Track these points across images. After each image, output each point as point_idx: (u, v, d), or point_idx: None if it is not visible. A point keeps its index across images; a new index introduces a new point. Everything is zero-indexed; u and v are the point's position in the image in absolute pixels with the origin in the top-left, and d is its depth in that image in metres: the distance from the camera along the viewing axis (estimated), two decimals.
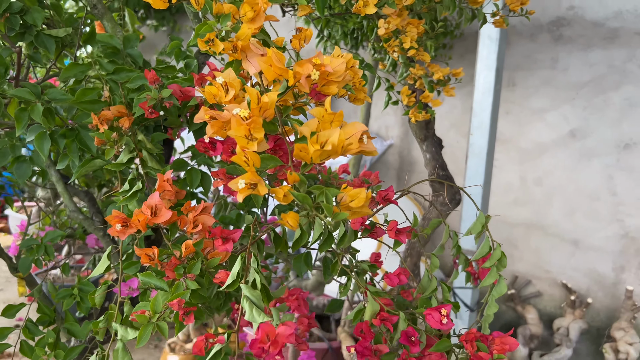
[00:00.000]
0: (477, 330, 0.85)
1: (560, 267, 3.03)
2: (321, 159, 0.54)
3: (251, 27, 0.61)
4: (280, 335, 0.54)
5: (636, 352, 2.58)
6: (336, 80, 0.59)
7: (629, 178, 2.79)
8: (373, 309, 0.74)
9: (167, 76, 0.90)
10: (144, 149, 0.80)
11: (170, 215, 0.66)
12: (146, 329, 0.60)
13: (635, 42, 2.72)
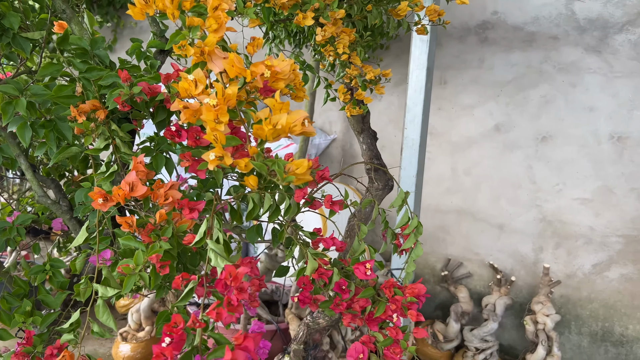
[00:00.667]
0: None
1: (487, 250, 3.33)
2: (273, 137, 0.70)
3: (215, 36, 0.76)
4: (239, 273, 0.70)
5: (552, 322, 2.90)
6: (283, 78, 0.75)
7: (546, 167, 3.11)
8: (313, 266, 0.91)
9: (133, 74, 1.03)
10: (117, 137, 0.93)
11: (145, 190, 0.79)
12: (130, 279, 0.74)
13: (550, 45, 3.03)
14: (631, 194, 2.89)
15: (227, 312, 0.67)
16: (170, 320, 0.69)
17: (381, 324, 0.97)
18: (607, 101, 2.91)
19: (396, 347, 0.94)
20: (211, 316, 0.67)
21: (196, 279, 0.71)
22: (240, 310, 0.73)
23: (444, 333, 3.20)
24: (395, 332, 0.93)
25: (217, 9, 0.73)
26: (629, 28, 2.82)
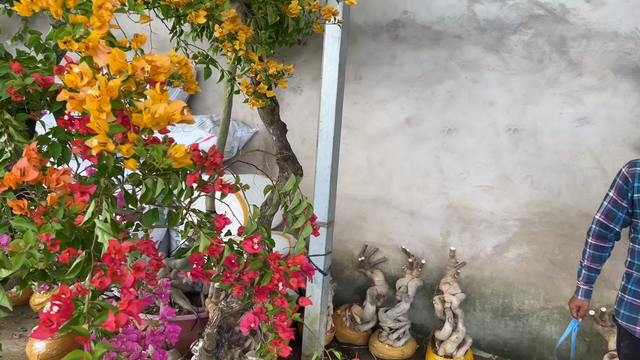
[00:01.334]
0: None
1: (401, 235, 3.54)
2: (152, 125, 0.78)
3: (99, 32, 0.82)
4: (123, 247, 0.77)
5: (458, 301, 3.14)
6: (163, 72, 0.83)
7: (451, 158, 3.35)
8: (205, 244, 1.00)
9: (29, 66, 1.06)
10: (11, 126, 0.97)
11: (37, 175, 0.84)
12: (20, 257, 0.79)
13: (454, 44, 3.27)
14: (525, 181, 3.19)
15: (112, 281, 0.75)
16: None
17: (271, 295, 1.08)
18: (505, 96, 3.18)
19: (283, 315, 1.05)
20: (94, 284, 0.74)
21: (83, 254, 0.78)
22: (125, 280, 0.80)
23: (361, 315, 3.38)
24: (281, 301, 1.04)
25: (101, 8, 0.79)
26: (522, 29, 3.09)
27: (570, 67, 3.01)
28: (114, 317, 0.70)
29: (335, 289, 3.53)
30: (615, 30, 2.89)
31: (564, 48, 3.01)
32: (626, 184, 2.03)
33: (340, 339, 3.42)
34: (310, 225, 1.18)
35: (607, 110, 2.96)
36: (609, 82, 2.94)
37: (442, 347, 3.07)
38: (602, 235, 2.15)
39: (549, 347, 3.22)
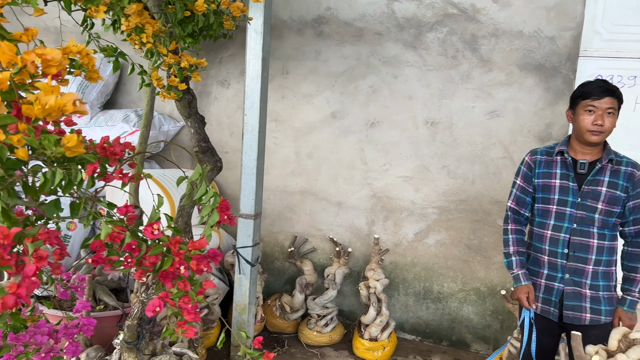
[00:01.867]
0: None
1: (328, 225, 3.66)
2: (44, 116, 0.81)
3: None
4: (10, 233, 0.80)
5: (381, 286, 3.29)
6: (54, 65, 0.86)
7: (375, 150, 3.50)
8: (106, 231, 1.03)
9: None
10: None
11: None
12: None
13: (375, 40, 3.40)
14: (442, 171, 3.38)
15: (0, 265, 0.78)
16: None
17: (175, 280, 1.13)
18: (423, 91, 3.35)
19: (186, 298, 1.11)
20: None
21: None
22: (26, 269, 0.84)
23: (291, 304, 3.47)
24: (184, 284, 1.09)
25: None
26: (437, 27, 3.27)
27: (481, 63, 3.21)
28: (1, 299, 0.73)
29: (266, 280, 3.60)
30: (520, 29, 3.11)
31: (475, 45, 3.21)
32: (530, 171, 2.22)
33: (271, 328, 3.49)
34: (218, 214, 1.24)
35: (514, 104, 3.18)
36: (516, 78, 3.16)
37: (367, 331, 3.21)
38: (517, 220, 2.30)
39: (466, 326, 3.44)
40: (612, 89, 2.04)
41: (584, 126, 2.03)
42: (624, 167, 2.07)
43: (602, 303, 2.08)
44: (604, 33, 3.08)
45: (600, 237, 2.07)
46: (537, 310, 2.19)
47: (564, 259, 2.11)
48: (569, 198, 2.10)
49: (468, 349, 3.45)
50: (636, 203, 2.06)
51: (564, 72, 3.07)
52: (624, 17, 3.03)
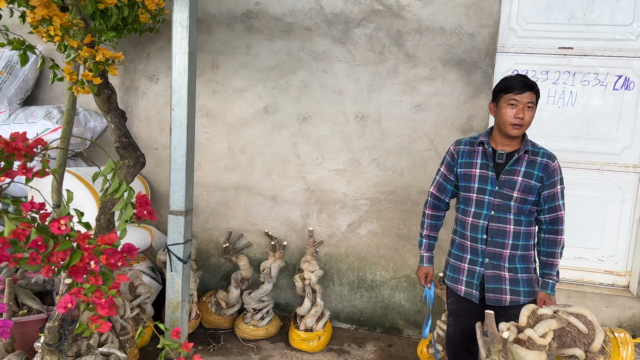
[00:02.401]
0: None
1: (263, 220, 3.67)
2: None
3: None
4: None
5: (316, 277, 3.35)
6: None
7: (307, 144, 3.54)
8: (10, 228, 1.01)
9: None
10: None
11: None
12: None
13: (305, 36, 3.44)
14: (372, 163, 3.47)
15: None
16: None
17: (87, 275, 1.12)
18: (352, 86, 3.42)
19: (98, 292, 1.10)
20: None
21: None
22: None
23: (226, 300, 3.46)
24: (95, 279, 1.08)
25: None
26: (364, 23, 3.35)
27: (406, 59, 3.32)
28: None
29: (201, 277, 3.57)
30: (442, 26, 3.25)
31: (400, 41, 3.31)
32: (453, 160, 2.33)
33: (207, 325, 3.47)
34: (131, 209, 1.23)
35: (438, 97, 3.32)
36: (439, 73, 3.30)
37: (302, 322, 3.26)
38: (436, 205, 2.44)
39: (398, 312, 3.56)
40: (532, 84, 2.14)
41: (506, 119, 2.12)
42: (540, 157, 2.19)
43: (521, 284, 2.21)
44: (518, 30, 3.27)
45: (517, 223, 2.20)
46: (461, 294, 2.31)
47: (483, 244, 2.23)
48: (488, 186, 2.21)
49: (400, 334, 3.58)
50: (550, 192, 2.19)
51: (484, 67, 3.23)
52: (536, 15, 3.23)
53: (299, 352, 3.25)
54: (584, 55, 3.20)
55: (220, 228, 3.75)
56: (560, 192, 2.20)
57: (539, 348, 1.81)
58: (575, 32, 3.19)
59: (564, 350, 1.85)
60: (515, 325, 1.90)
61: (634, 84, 3.17)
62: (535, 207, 2.23)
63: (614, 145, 3.24)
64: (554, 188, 2.19)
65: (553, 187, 2.19)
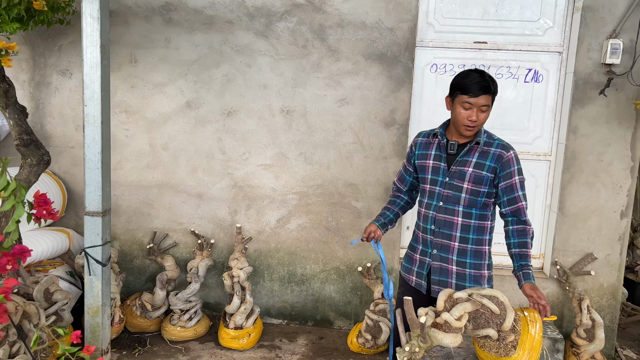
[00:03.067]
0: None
1: (189, 218, 3.58)
2: None
3: None
4: None
5: (245, 274, 3.31)
6: None
7: (233, 139, 3.49)
8: None
9: None
10: None
11: None
12: None
13: (227, 29, 3.37)
14: (300, 157, 3.47)
15: None
16: None
17: None
18: (276, 80, 3.40)
19: None
20: None
21: None
22: None
23: (152, 302, 3.35)
24: None
25: None
26: (287, 17, 3.33)
27: (330, 53, 3.34)
28: None
29: (125, 280, 3.42)
30: (363, 20, 3.29)
31: (323, 35, 3.32)
32: (411, 152, 2.32)
33: (132, 329, 3.34)
34: (23, 208, 1.15)
35: (361, 91, 3.36)
36: (362, 67, 3.34)
37: (232, 320, 3.21)
38: (397, 190, 2.45)
39: (329, 305, 3.59)
40: (488, 86, 2.04)
41: (460, 120, 2.08)
42: (494, 148, 2.13)
43: (467, 280, 2.18)
44: (436, 25, 3.37)
45: (466, 216, 2.15)
46: (412, 284, 2.29)
47: (431, 235, 2.21)
48: (439, 178, 2.18)
49: (332, 326, 3.61)
50: (507, 183, 2.11)
51: (404, 61, 3.31)
52: (452, 10, 3.34)
53: (229, 350, 3.20)
54: (497, 49, 3.35)
55: (144, 228, 3.61)
56: (520, 183, 2.13)
57: (455, 331, 1.87)
58: (488, 27, 3.33)
59: (479, 331, 1.92)
60: (433, 310, 1.95)
61: (542, 76, 3.35)
62: (492, 200, 2.18)
63: (527, 135, 3.42)
64: (511, 179, 2.11)
65: (510, 178, 2.11)
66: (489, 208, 2.19)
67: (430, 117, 3.42)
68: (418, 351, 1.88)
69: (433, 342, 1.87)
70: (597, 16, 3.13)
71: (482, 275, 2.22)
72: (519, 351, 1.91)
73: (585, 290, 3.35)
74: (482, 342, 1.97)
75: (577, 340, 3.11)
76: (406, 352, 1.89)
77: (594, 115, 3.21)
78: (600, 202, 3.28)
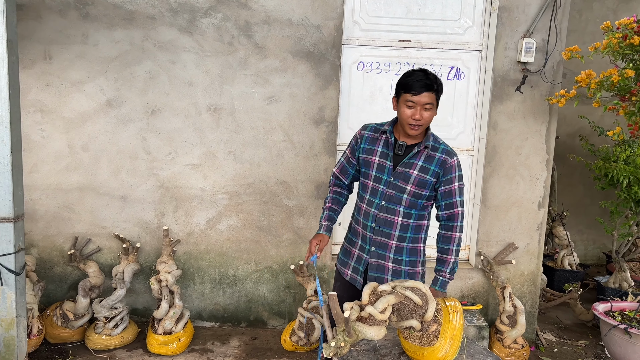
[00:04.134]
0: None
1: (114, 222, 3.43)
2: None
3: None
4: None
5: (173, 278, 3.21)
6: None
7: (158, 138, 3.37)
8: None
9: None
10: None
11: None
12: None
13: (149, 25, 3.26)
14: (229, 156, 3.41)
15: None
16: None
17: None
18: (202, 77, 3.32)
19: None
20: None
21: None
22: None
23: (74, 311, 3.18)
24: None
25: None
26: (211, 13, 3.26)
27: (257, 50, 3.30)
28: None
29: (44, 289, 3.23)
30: (289, 17, 3.27)
31: (249, 32, 3.28)
32: (356, 144, 2.27)
33: (53, 340, 3.16)
34: None
35: (290, 89, 3.35)
36: (289, 64, 3.33)
37: (161, 325, 3.11)
38: (338, 184, 2.38)
39: (262, 305, 3.56)
40: (431, 84, 2.05)
41: (404, 118, 2.08)
42: (439, 153, 2.14)
43: (402, 276, 2.22)
44: (362, 23, 3.41)
45: (406, 216, 2.18)
46: (347, 277, 2.29)
47: (371, 232, 2.21)
48: (384, 176, 2.17)
49: (265, 326, 3.58)
50: (447, 189, 2.16)
51: (331, 59, 3.32)
52: (377, 9, 3.39)
53: (159, 357, 3.09)
54: (421, 47, 3.44)
55: (65, 234, 3.42)
56: (458, 189, 2.18)
57: (379, 323, 1.89)
58: (412, 26, 3.41)
59: (403, 322, 1.96)
60: (358, 304, 1.97)
61: (464, 74, 3.48)
62: (431, 202, 2.22)
63: (450, 131, 3.53)
64: (451, 185, 2.16)
65: (450, 184, 2.16)
66: (427, 209, 2.24)
67: (358, 114, 3.46)
68: (344, 346, 1.89)
69: (358, 336, 1.88)
70: (512, 16, 3.28)
71: (417, 272, 2.27)
72: (441, 340, 1.96)
73: (508, 279, 3.50)
74: (407, 333, 2.00)
75: (501, 326, 3.25)
76: (332, 347, 1.89)
77: (511, 111, 3.36)
78: (520, 193, 3.44)
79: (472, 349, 2.17)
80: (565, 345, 3.56)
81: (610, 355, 3.22)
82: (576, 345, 3.56)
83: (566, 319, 4.03)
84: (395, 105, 2.16)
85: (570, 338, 3.69)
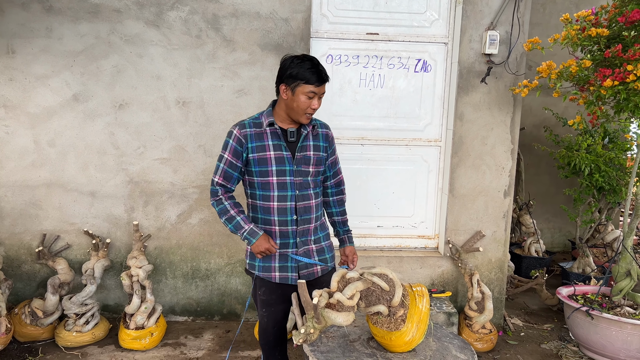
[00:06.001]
0: None
1: (83, 218, 3.39)
2: None
3: None
4: None
5: (144, 273, 3.19)
6: None
7: (127, 133, 3.34)
8: None
9: None
10: None
11: None
12: None
13: (115, 18, 3.22)
14: (199, 150, 3.40)
15: None
16: None
17: None
18: (170, 70, 3.30)
19: None
20: None
21: None
22: None
23: (43, 308, 3.14)
24: None
25: None
26: (178, 6, 3.24)
27: (225, 43, 3.30)
28: None
29: (11, 287, 3.17)
30: (257, 10, 3.28)
31: (217, 25, 3.27)
32: (241, 146, 2.12)
33: (22, 339, 3.12)
34: None
35: (259, 82, 3.36)
36: (258, 57, 3.33)
37: (132, 320, 3.10)
38: (228, 191, 2.21)
39: (235, 297, 3.57)
40: (326, 74, 2.10)
41: (302, 108, 2.07)
42: (320, 129, 2.26)
43: (326, 251, 2.31)
44: (330, 16, 3.43)
45: (316, 197, 2.26)
46: (275, 280, 2.22)
47: (294, 225, 2.19)
48: (286, 167, 2.14)
49: (239, 319, 3.59)
50: (333, 158, 2.34)
51: (300, 52, 3.33)
52: (345, 2, 3.42)
53: (131, 352, 3.08)
54: (389, 40, 3.48)
55: (32, 231, 3.37)
56: (338, 157, 2.40)
57: (347, 309, 1.93)
58: (379, 19, 3.45)
59: (371, 308, 2.00)
60: (327, 291, 2.00)
61: (431, 66, 3.54)
62: (322, 176, 2.34)
63: (418, 123, 3.59)
64: (335, 155, 2.36)
65: (334, 154, 2.35)
66: (321, 184, 2.37)
67: (328, 107, 3.48)
68: (313, 332, 1.93)
69: (327, 322, 1.92)
70: (477, 9, 3.35)
71: (331, 243, 2.39)
72: (407, 324, 2.01)
73: (476, 266, 3.59)
74: (375, 318, 2.05)
75: (469, 312, 3.34)
76: (302, 334, 1.92)
77: (477, 102, 3.44)
78: (486, 183, 3.53)
79: (439, 333, 2.23)
80: (531, 330, 3.67)
81: (573, 337, 3.34)
82: (542, 329, 3.68)
83: (533, 304, 4.15)
84: (285, 94, 2.10)
85: (536, 322, 3.80)
